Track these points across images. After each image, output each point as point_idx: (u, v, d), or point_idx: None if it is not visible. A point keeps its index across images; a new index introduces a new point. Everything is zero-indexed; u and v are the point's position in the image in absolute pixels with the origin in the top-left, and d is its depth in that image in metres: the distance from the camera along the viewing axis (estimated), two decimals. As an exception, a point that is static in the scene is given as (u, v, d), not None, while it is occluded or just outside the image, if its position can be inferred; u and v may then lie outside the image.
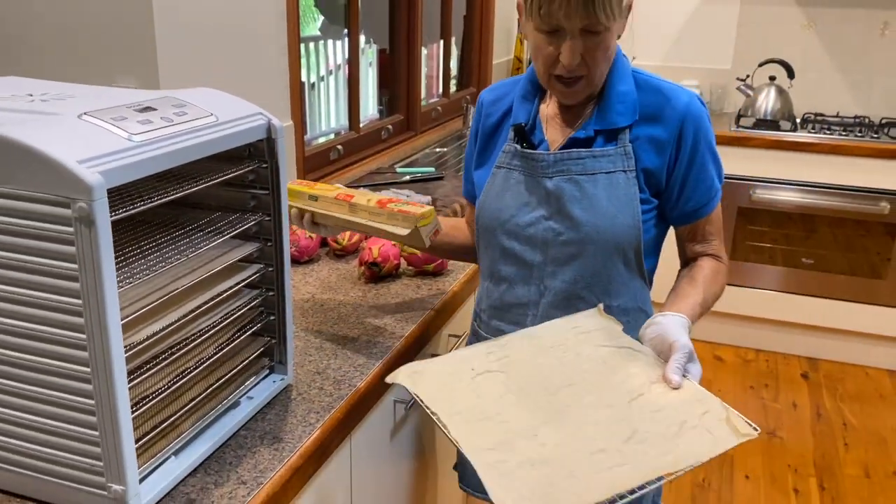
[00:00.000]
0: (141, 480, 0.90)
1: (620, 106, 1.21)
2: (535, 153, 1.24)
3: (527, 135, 1.26)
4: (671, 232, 1.33)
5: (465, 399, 1.04)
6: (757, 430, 0.95)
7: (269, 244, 1.10)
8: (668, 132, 1.21)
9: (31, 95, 0.96)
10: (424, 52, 3.60)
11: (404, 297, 1.52)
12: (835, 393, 3.17)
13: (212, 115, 0.97)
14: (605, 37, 1.15)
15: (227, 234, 1.03)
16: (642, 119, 1.22)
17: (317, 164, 2.28)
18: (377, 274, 1.59)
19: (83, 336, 0.80)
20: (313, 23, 4.27)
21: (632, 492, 0.88)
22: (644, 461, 0.92)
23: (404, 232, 1.24)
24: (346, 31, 3.11)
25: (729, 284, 3.39)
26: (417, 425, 1.49)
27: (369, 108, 3.35)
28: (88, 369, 0.81)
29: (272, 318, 1.14)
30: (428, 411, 1.01)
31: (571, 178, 1.22)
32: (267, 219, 1.09)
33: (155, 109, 0.91)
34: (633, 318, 1.21)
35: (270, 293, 1.13)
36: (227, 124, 0.97)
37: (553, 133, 1.27)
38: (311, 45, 3.81)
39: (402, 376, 1.09)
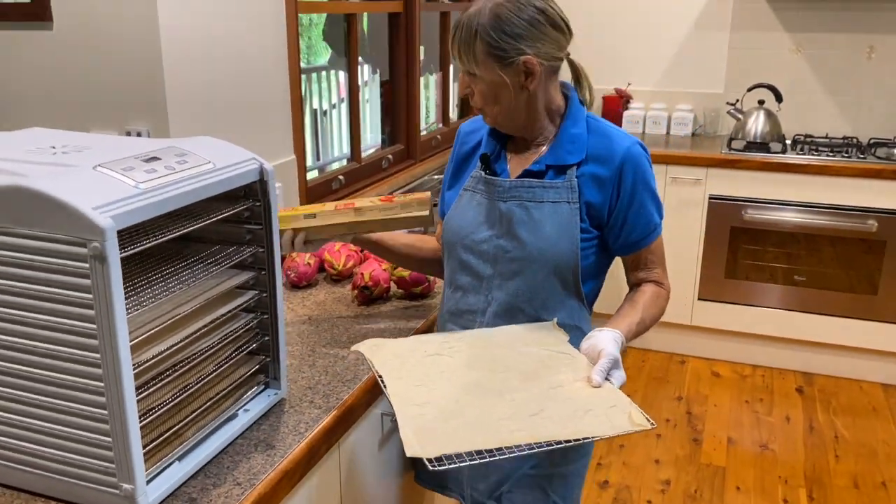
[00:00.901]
0: (149, 481, 1.03)
1: (571, 146, 1.38)
2: (495, 179, 1.41)
3: (491, 163, 1.43)
4: (618, 262, 1.48)
5: (411, 370, 1.24)
6: (653, 424, 1.09)
7: (262, 273, 1.24)
8: (609, 171, 1.36)
9: (54, 148, 1.11)
10: (434, 78, 3.75)
11: (393, 318, 1.66)
12: (828, 406, 3.25)
13: (210, 162, 1.11)
14: (479, 81, 1.34)
15: (225, 264, 1.17)
16: (590, 159, 1.37)
17: (319, 193, 2.42)
18: (369, 296, 1.72)
19: (97, 355, 0.94)
20: (325, 51, 4.46)
21: (520, 448, 1.04)
22: (540, 430, 1.08)
23: (425, 212, 1.41)
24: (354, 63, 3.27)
25: (724, 302, 3.51)
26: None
27: (378, 136, 3.50)
28: (102, 384, 0.95)
29: (267, 338, 1.28)
30: (375, 374, 1.22)
31: (522, 204, 1.38)
32: (261, 250, 1.23)
33: (159, 159, 1.06)
34: (569, 334, 1.36)
35: (265, 316, 1.26)
36: (223, 170, 1.12)
37: (514, 164, 1.43)
38: (323, 73, 3.99)
39: (364, 347, 1.31)
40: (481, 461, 1.03)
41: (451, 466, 1.02)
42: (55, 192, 0.90)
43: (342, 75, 4.41)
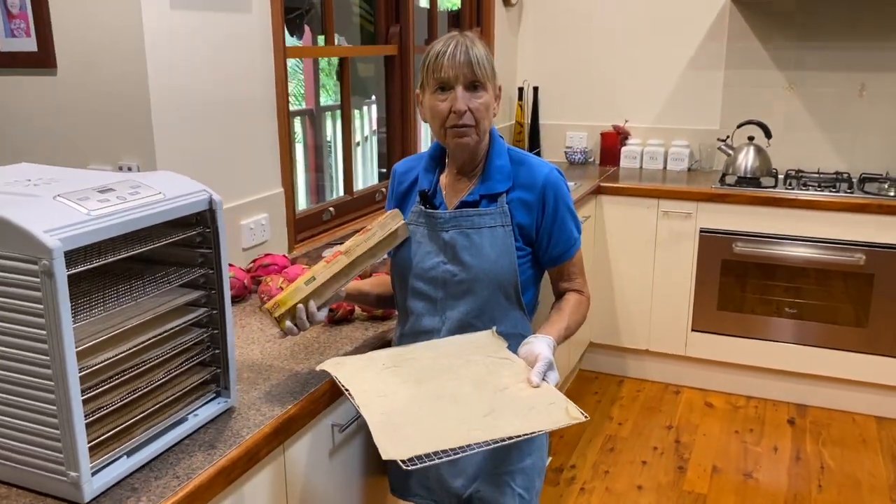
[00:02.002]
0: (96, 472, 1.17)
1: (498, 175, 1.55)
2: (435, 212, 1.57)
3: (429, 198, 1.58)
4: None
5: (371, 382, 1.39)
6: (586, 416, 1.24)
7: (213, 292, 1.39)
8: (533, 196, 1.54)
9: (29, 180, 1.28)
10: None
11: (352, 338, 1.79)
12: (818, 438, 3.28)
13: (160, 193, 1.27)
14: (483, 94, 1.48)
15: (175, 283, 1.33)
16: (516, 186, 1.55)
17: (308, 224, 2.58)
18: (333, 318, 1.86)
19: (47, 358, 1.09)
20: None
21: (479, 445, 1.20)
22: (493, 428, 1.23)
23: (401, 222, 1.56)
24: (368, 99, 3.45)
25: (718, 334, 3.57)
26: (359, 449, 1.74)
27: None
28: (52, 383, 1.10)
29: (217, 351, 1.42)
30: (342, 387, 1.39)
31: (462, 231, 1.54)
32: (211, 272, 1.38)
33: (114, 190, 1.22)
34: (513, 341, 1.51)
35: (215, 331, 1.41)
36: (171, 200, 1.27)
37: (449, 197, 1.60)
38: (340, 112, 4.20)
39: (328, 364, 1.48)
40: (447, 459, 1.19)
41: (421, 466, 1.17)
42: (13, 217, 1.06)
43: (365, 111, 4.63)
